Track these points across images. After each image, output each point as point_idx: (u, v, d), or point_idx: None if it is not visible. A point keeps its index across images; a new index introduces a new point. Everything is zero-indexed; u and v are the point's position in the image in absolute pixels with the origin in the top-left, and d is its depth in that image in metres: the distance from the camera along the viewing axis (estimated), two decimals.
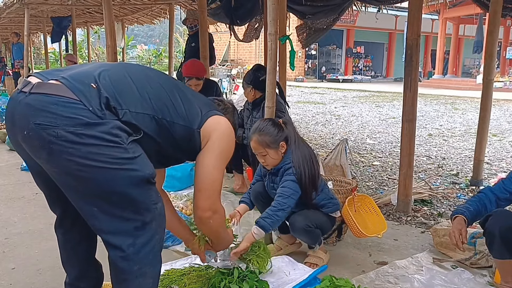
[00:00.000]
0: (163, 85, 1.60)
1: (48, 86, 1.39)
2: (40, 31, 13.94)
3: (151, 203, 1.50)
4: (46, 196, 1.71)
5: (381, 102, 13.07)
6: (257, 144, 2.35)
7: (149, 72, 1.66)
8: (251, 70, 3.67)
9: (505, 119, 9.28)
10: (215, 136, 1.64)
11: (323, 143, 6.59)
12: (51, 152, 1.35)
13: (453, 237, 2.02)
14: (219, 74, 15.59)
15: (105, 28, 4.32)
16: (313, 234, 2.39)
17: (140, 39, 48.27)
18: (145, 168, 1.47)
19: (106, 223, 1.45)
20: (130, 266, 1.48)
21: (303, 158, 2.33)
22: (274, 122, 2.40)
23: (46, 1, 8.29)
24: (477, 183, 4.16)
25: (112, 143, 1.38)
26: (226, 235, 2.00)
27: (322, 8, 5.71)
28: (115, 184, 1.41)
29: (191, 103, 1.64)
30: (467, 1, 13.45)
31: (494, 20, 3.95)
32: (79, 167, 1.36)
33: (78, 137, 1.34)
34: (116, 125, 1.40)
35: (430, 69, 25.89)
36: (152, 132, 1.51)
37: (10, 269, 2.42)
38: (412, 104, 3.28)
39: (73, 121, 1.34)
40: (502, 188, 2.15)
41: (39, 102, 1.36)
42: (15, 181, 4.14)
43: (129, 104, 1.46)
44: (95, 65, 1.57)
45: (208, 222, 1.71)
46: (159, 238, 1.54)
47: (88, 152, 1.35)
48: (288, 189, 2.25)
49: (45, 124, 1.33)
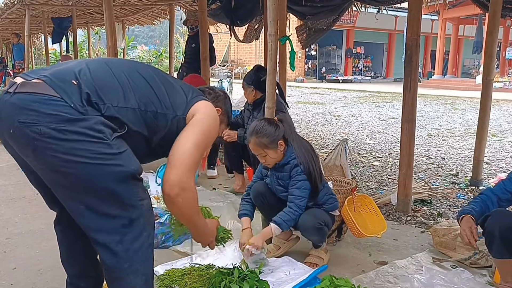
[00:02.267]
0: (145, 77, 1.58)
1: (30, 85, 1.41)
2: (40, 31, 13.96)
3: (137, 200, 1.49)
4: (42, 195, 1.72)
5: (381, 102, 13.07)
6: (256, 146, 2.37)
7: (131, 65, 1.64)
8: (252, 71, 3.69)
9: (505, 119, 9.29)
10: (198, 115, 1.61)
11: (323, 143, 6.60)
12: (36, 149, 1.37)
13: (464, 236, 2.03)
14: (219, 74, 15.62)
15: (105, 28, 4.34)
16: (322, 232, 2.42)
17: (141, 39, 48.23)
18: (130, 163, 1.46)
19: (93, 221, 1.46)
20: (120, 264, 1.48)
21: (306, 152, 2.39)
22: (269, 121, 2.42)
23: (46, 2, 8.29)
24: (477, 183, 4.17)
25: (96, 139, 1.38)
26: (203, 222, 1.79)
27: (322, 8, 5.72)
28: (99, 180, 1.41)
29: (176, 90, 1.63)
30: (467, 2, 13.46)
31: (494, 20, 3.95)
32: (63, 163, 1.37)
33: (60, 133, 1.35)
34: (99, 120, 1.41)
35: (430, 70, 25.89)
36: (137, 125, 1.50)
37: (11, 269, 2.42)
38: (411, 105, 3.29)
39: (55, 118, 1.36)
40: (502, 188, 2.16)
41: (22, 101, 1.38)
42: (15, 182, 4.15)
43: (112, 99, 1.46)
44: (77, 62, 1.57)
45: (177, 201, 1.52)
46: (147, 235, 1.53)
47: (71, 148, 1.36)
48: (303, 189, 2.33)
49: (29, 122, 1.35)
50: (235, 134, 3.65)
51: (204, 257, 2.49)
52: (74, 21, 9.60)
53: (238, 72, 23.99)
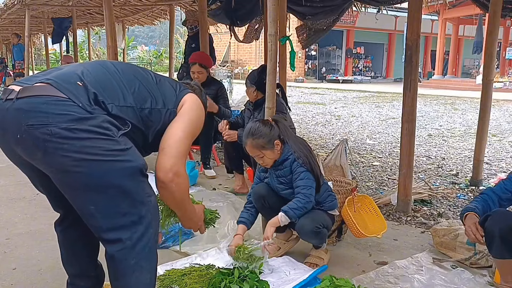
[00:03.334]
0: (137, 76, 1.64)
1: (35, 89, 1.42)
2: (40, 32, 13.97)
3: (145, 196, 1.52)
4: (47, 198, 1.73)
5: (381, 102, 13.08)
6: (253, 148, 2.39)
7: (122, 66, 1.71)
8: (256, 71, 3.67)
9: (505, 119, 9.29)
10: (185, 106, 1.69)
11: (323, 143, 6.60)
12: (46, 151, 1.37)
13: (470, 232, 2.02)
14: (219, 75, 15.61)
15: (105, 29, 4.34)
16: (321, 234, 2.40)
17: (141, 40, 48.27)
18: (137, 159, 1.50)
19: (103, 220, 1.47)
20: (127, 260, 1.49)
21: (303, 146, 2.43)
22: (264, 122, 2.43)
23: (46, 2, 8.30)
24: (477, 183, 4.17)
25: (105, 136, 1.41)
26: (192, 208, 1.86)
27: (322, 9, 5.72)
28: (110, 177, 1.43)
29: (166, 86, 1.71)
30: (467, 2, 13.46)
31: (494, 20, 3.95)
32: (75, 162, 1.38)
33: (71, 132, 1.36)
34: (105, 119, 1.44)
35: (430, 70, 25.90)
36: (136, 122, 1.56)
37: (11, 270, 2.42)
38: (411, 105, 3.29)
39: (65, 118, 1.37)
40: (503, 188, 2.16)
41: (28, 104, 1.39)
42: (16, 182, 4.14)
43: (114, 99, 1.50)
44: (75, 65, 1.61)
45: (171, 186, 1.58)
46: (153, 232, 1.55)
47: (82, 146, 1.38)
48: (307, 180, 2.33)
49: (38, 124, 1.36)
50: (235, 134, 3.65)
51: (204, 257, 2.49)
52: (74, 21, 9.60)
53: (238, 72, 24.01)
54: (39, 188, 1.69)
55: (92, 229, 1.53)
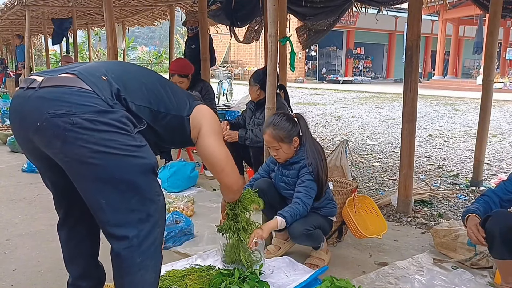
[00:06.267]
0: (155, 80, 1.71)
1: (60, 79, 1.46)
2: (41, 32, 13.96)
3: (155, 194, 1.55)
4: (53, 194, 1.74)
5: (381, 103, 13.08)
6: (271, 138, 2.39)
7: (141, 69, 1.80)
8: (261, 71, 3.66)
9: (505, 119, 9.28)
10: (206, 121, 1.76)
11: (324, 144, 6.60)
12: (66, 140, 1.39)
13: (471, 233, 2.02)
14: (219, 75, 15.61)
15: (105, 29, 4.34)
16: (314, 236, 2.39)
17: (141, 40, 48.34)
18: (151, 156, 1.54)
19: (112, 215, 1.48)
20: (133, 258, 1.50)
21: (317, 153, 2.41)
22: (288, 116, 2.45)
23: (47, 3, 8.29)
24: (477, 184, 4.16)
25: (123, 131, 1.45)
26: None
27: (323, 9, 5.72)
28: (124, 171, 1.45)
29: (179, 94, 1.77)
30: (467, 2, 13.47)
31: (494, 21, 3.96)
32: (92, 153, 1.40)
33: (92, 123, 1.39)
34: (124, 114, 1.48)
35: (430, 70, 25.88)
36: (151, 123, 1.60)
37: (12, 270, 2.42)
38: (412, 105, 3.29)
39: (87, 109, 1.40)
40: (504, 189, 2.16)
41: (52, 93, 1.42)
42: (16, 183, 4.15)
43: (134, 97, 1.54)
44: (98, 63, 1.66)
45: (241, 191, 2.06)
46: (160, 231, 1.58)
47: (101, 138, 1.40)
48: (310, 189, 2.34)
49: (60, 113, 1.38)
50: (236, 135, 3.65)
51: (205, 258, 2.49)
52: (74, 22, 9.60)
53: (238, 73, 24.03)
54: (46, 183, 1.71)
55: (100, 223, 1.54)
